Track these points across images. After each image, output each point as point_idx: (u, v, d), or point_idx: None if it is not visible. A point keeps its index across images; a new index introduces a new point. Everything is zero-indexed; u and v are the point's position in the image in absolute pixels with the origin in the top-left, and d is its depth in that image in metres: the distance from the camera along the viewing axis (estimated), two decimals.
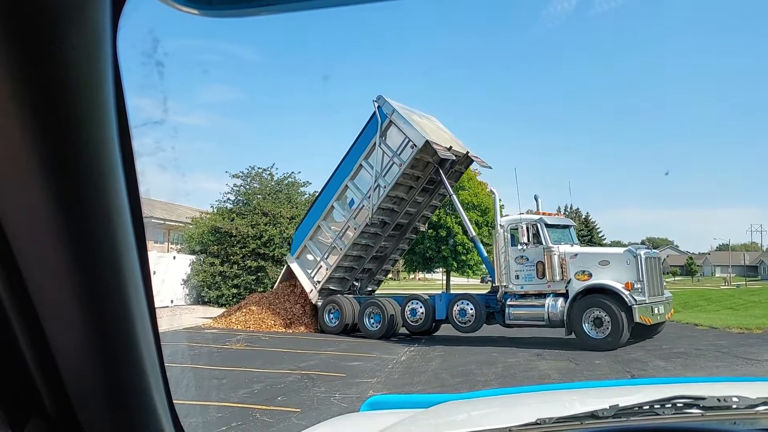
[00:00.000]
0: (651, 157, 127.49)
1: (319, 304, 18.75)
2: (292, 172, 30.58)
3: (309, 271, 19.11)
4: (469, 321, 16.47)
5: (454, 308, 16.63)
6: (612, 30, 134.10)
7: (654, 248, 16.78)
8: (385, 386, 10.35)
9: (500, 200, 17.51)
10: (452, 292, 18.40)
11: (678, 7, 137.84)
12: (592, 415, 1.47)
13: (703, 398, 1.50)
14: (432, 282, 52.28)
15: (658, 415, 1.49)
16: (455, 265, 38.51)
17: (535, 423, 1.47)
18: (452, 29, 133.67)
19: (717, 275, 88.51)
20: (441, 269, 41.77)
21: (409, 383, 10.70)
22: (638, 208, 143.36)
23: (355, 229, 18.34)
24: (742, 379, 4.62)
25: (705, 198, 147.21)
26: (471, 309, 16.45)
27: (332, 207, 18.68)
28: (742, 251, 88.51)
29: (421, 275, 66.14)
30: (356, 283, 20.16)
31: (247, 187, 28.60)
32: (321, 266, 18.96)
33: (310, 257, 19.23)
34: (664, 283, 16.24)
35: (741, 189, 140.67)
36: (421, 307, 17.29)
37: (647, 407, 1.52)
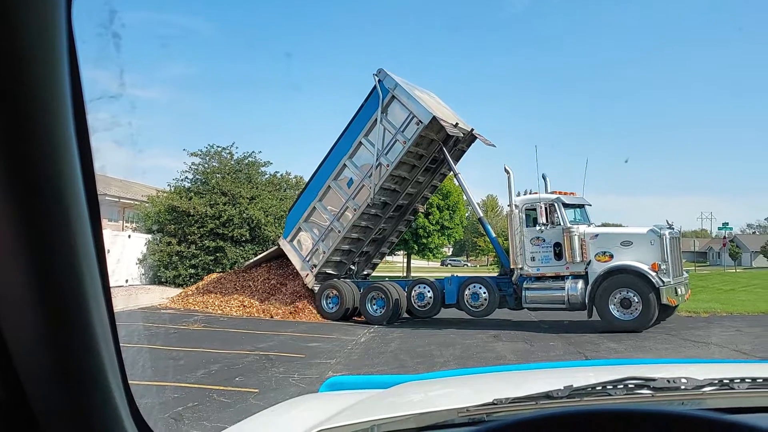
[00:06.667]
0: (605, 145, 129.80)
1: (316, 289, 18.04)
2: (253, 152, 30.19)
3: (304, 255, 18.35)
4: (482, 305, 16.04)
5: (466, 292, 16.21)
6: (570, 21, 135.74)
7: None
8: (344, 367, 10.40)
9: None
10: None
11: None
12: (547, 396, 1.50)
13: (653, 379, 1.55)
14: (392, 264, 52.51)
15: (611, 395, 1.52)
16: (416, 247, 38.76)
17: (492, 403, 1.49)
18: (420, 10, 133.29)
19: None
20: (402, 252, 41.99)
21: (368, 364, 10.76)
22: (590, 194, 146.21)
23: (354, 210, 17.59)
24: (689, 360, 4.78)
25: (657, 185, 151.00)
26: (484, 293, 16.02)
27: (329, 187, 17.85)
28: (692, 238, 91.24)
29: None
30: (353, 267, 19.35)
31: (206, 165, 28.04)
32: (318, 249, 18.17)
33: (305, 240, 18.41)
34: (683, 263, 16.11)
35: (692, 177, 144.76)
36: (429, 291, 16.82)
37: (600, 388, 1.56)
